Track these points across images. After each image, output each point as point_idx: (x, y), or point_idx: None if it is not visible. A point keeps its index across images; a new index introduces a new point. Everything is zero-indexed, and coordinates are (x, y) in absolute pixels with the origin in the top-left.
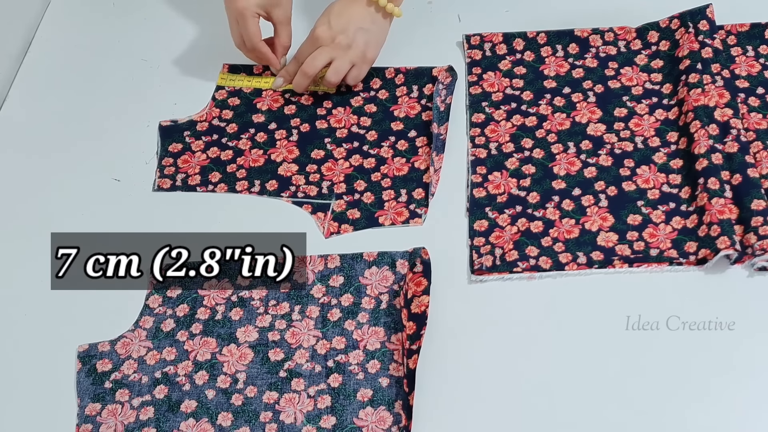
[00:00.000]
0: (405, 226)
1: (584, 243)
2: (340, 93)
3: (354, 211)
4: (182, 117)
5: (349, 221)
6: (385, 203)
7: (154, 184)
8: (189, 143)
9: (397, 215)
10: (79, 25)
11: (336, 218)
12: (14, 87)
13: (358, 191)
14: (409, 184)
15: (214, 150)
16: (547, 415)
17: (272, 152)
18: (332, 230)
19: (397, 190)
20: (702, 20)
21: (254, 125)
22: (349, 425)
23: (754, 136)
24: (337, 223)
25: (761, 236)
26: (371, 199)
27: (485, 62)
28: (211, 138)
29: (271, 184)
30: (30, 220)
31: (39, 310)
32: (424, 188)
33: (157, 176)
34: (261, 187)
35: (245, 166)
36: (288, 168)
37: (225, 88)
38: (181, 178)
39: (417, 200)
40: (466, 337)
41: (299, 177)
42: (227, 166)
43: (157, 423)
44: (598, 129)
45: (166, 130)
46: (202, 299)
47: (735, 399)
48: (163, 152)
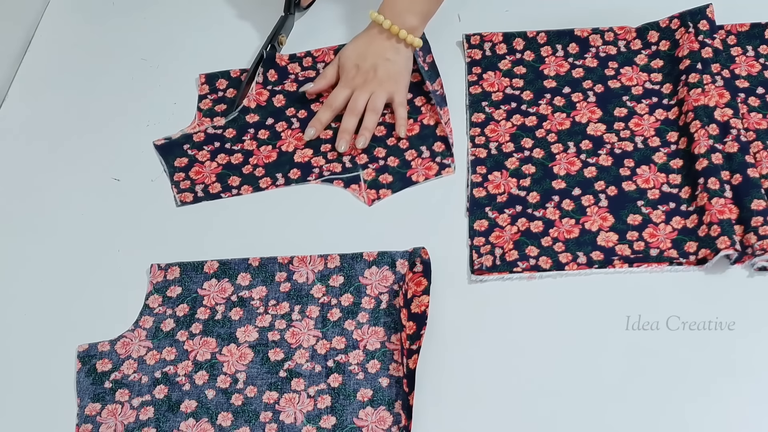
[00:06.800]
0: (438, 177)
1: (584, 243)
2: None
3: (385, 176)
4: (174, 133)
5: (384, 186)
6: (411, 162)
7: (176, 200)
8: (193, 155)
9: (427, 170)
10: (78, 25)
11: (371, 186)
12: (14, 87)
13: (380, 158)
14: (426, 140)
15: (222, 156)
16: (547, 414)
17: (281, 144)
18: (372, 197)
19: (417, 149)
20: (702, 20)
21: (251, 125)
22: (349, 425)
23: (754, 136)
24: (374, 190)
25: (761, 236)
26: (396, 162)
27: (485, 62)
28: (213, 146)
29: (294, 173)
30: (30, 220)
31: (39, 310)
32: (442, 141)
33: (175, 193)
34: (285, 178)
35: (260, 164)
36: (303, 154)
37: (208, 97)
38: (201, 188)
39: (440, 153)
40: (466, 337)
41: (318, 159)
42: (242, 168)
43: (157, 423)
44: (598, 129)
45: (164, 148)
46: (201, 299)
47: (735, 399)
48: (171, 169)
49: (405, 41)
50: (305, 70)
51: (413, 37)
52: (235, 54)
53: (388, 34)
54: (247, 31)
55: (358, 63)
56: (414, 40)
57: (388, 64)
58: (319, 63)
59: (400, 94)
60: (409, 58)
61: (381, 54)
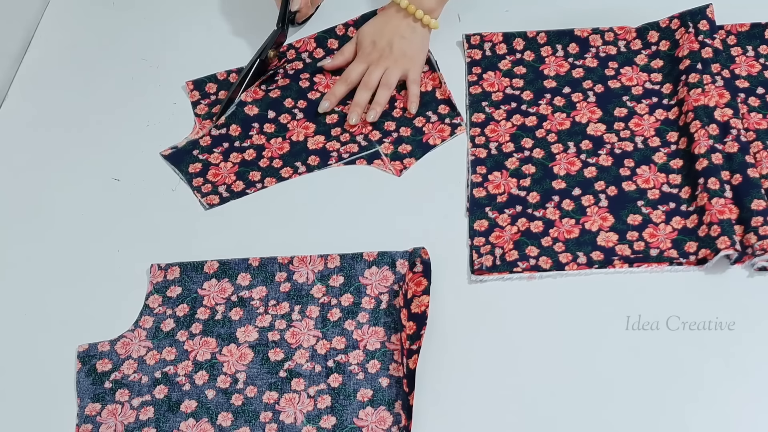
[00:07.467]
0: (453, 137)
1: (584, 243)
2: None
3: (404, 146)
4: (180, 141)
5: (406, 155)
6: (423, 128)
7: (203, 204)
8: (205, 159)
9: (441, 132)
10: (78, 24)
11: (393, 158)
12: (14, 87)
13: (392, 131)
14: (430, 106)
15: (235, 155)
16: (547, 414)
17: (290, 135)
18: (399, 168)
19: (424, 115)
20: (702, 20)
21: (254, 118)
22: (349, 425)
23: (754, 136)
24: (398, 161)
25: (761, 236)
26: (408, 132)
27: (485, 62)
28: (222, 147)
29: (313, 159)
30: (30, 220)
31: (39, 310)
32: (445, 103)
33: (199, 197)
34: (305, 166)
35: (275, 156)
36: (316, 141)
37: (202, 102)
38: (224, 189)
39: (447, 114)
40: (466, 337)
41: (332, 143)
42: (258, 162)
43: (157, 423)
44: (598, 129)
45: (174, 157)
46: (202, 299)
47: (735, 398)
48: (187, 176)
49: (422, 21)
50: (290, 63)
51: (430, 17)
52: (235, 54)
53: (405, 13)
54: (247, 30)
55: (374, 39)
56: (431, 21)
57: (404, 41)
58: (303, 53)
59: (415, 71)
60: (424, 38)
61: (397, 32)
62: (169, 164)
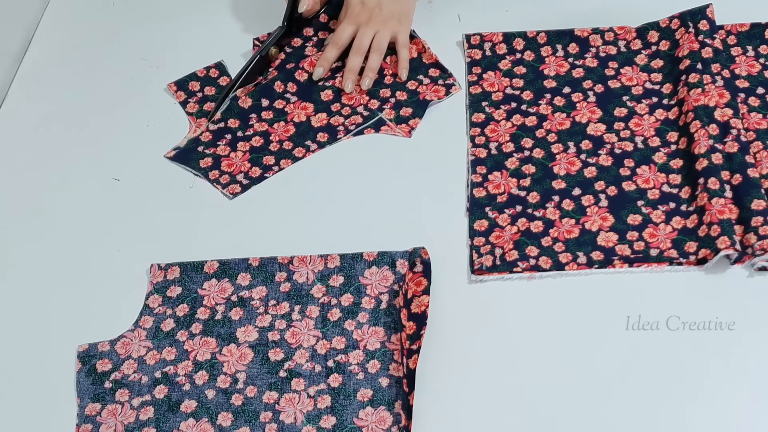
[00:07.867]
0: (449, 96)
1: (584, 243)
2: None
3: (405, 109)
4: (180, 141)
5: (410, 117)
6: (418, 89)
7: (227, 195)
8: (213, 153)
9: (436, 92)
10: (78, 24)
11: (398, 122)
12: (14, 86)
13: (388, 97)
14: (419, 71)
15: (242, 144)
16: (546, 414)
17: (291, 117)
18: (407, 130)
19: (415, 78)
20: (702, 20)
21: (250, 110)
22: (349, 425)
23: (754, 136)
24: (404, 124)
25: (761, 236)
26: (404, 96)
27: (485, 62)
28: (225, 139)
29: (322, 136)
30: (30, 220)
31: (39, 310)
32: (435, 66)
33: (221, 189)
34: (316, 143)
35: (284, 139)
36: (319, 118)
37: (190, 101)
38: (242, 177)
39: (439, 77)
40: (466, 337)
41: (336, 118)
42: (268, 147)
43: (157, 423)
44: (598, 129)
45: (180, 156)
46: (202, 299)
47: (735, 399)
48: (200, 171)
49: None
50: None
51: None
52: (235, 54)
53: None
54: (247, 31)
55: (363, 0)
56: None
57: (393, 2)
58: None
59: (404, 34)
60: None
61: None
62: (179, 164)
